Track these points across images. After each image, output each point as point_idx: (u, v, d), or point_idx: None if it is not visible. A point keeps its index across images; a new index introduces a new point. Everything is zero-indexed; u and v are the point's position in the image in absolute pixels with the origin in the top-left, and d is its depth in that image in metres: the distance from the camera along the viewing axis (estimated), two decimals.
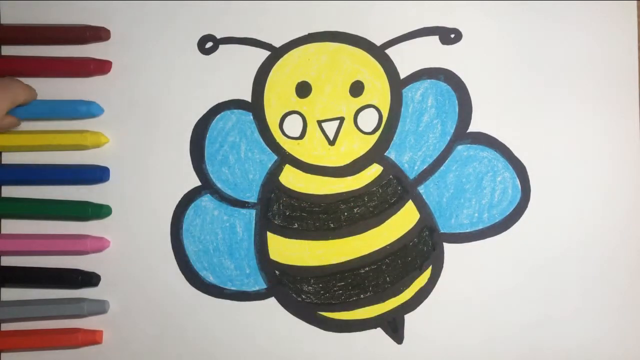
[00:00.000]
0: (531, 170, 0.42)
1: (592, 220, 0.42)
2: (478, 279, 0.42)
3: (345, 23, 0.43)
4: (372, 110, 0.42)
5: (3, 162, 0.43)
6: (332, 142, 0.43)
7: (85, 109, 0.42)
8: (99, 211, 0.42)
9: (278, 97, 0.43)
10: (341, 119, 0.43)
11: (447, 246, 0.42)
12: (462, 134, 0.42)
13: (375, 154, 0.42)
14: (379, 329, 0.42)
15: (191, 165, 0.43)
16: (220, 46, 0.43)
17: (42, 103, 0.42)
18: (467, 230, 0.42)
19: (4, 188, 0.43)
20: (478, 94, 0.42)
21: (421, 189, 0.42)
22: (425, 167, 0.42)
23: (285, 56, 0.43)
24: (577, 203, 0.41)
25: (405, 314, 0.42)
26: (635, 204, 0.42)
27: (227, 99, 0.43)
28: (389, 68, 0.43)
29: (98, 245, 0.42)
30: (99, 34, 0.42)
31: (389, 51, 0.43)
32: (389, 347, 0.42)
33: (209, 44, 0.43)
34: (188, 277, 0.43)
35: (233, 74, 0.43)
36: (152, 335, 0.42)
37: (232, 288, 0.43)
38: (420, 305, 0.42)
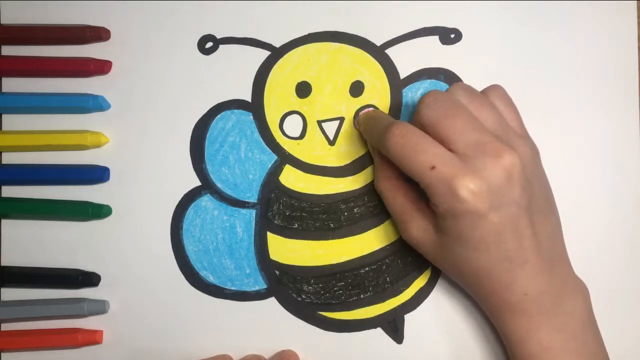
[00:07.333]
0: None
1: (592, 220, 0.42)
2: None
3: (345, 23, 0.43)
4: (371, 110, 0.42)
5: (3, 162, 0.43)
6: (332, 142, 0.43)
7: (93, 103, 0.42)
8: (99, 211, 0.42)
9: (278, 97, 0.43)
10: (341, 119, 0.43)
11: None
12: None
13: None
14: (379, 329, 0.42)
15: (191, 165, 0.43)
16: (220, 46, 0.43)
17: (47, 97, 0.42)
18: None
19: (4, 188, 0.43)
20: None
21: None
22: None
23: (285, 56, 0.43)
24: (576, 203, 0.41)
25: (405, 314, 0.42)
26: (636, 205, 0.42)
27: (227, 99, 0.43)
28: (389, 68, 0.43)
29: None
30: (99, 34, 0.42)
31: (389, 51, 0.43)
32: (389, 347, 0.42)
33: (209, 44, 0.43)
34: (188, 277, 0.43)
35: (233, 74, 0.43)
36: (152, 336, 0.42)
37: (232, 288, 0.43)
38: (420, 305, 0.42)
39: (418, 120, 0.36)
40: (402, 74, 0.43)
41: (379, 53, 0.43)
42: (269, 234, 0.43)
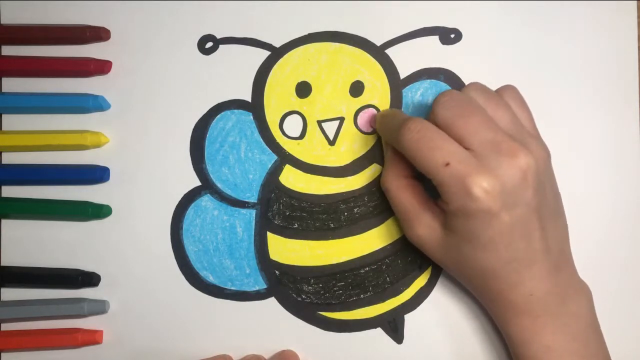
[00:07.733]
0: None
1: (592, 220, 0.42)
2: None
3: (345, 23, 0.43)
4: (372, 110, 0.42)
5: (3, 162, 0.43)
6: (332, 142, 0.43)
7: (93, 103, 0.42)
8: (99, 211, 0.42)
9: (278, 97, 0.43)
10: (341, 119, 0.43)
11: None
12: None
13: (375, 154, 0.42)
14: (379, 329, 0.42)
15: (191, 165, 0.43)
16: (220, 46, 0.43)
17: (47, 97, 0.42)
18: None
19: (4, 188, 0.43)
20: None
21: None
22: None
23: (285, 56, 0.43)
24: (576, 203, 0.41)
25: (405, 314, 0.42)
26: (636, 205, 0.42)
27: (227, 99, 0.43)
28: (389, 68, 0.43)
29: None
30: (99, 34, 0.42)
31: (389, 51, 0.43)
32: (389, 347, 0.42)
33: (209, 44, 0.43)
34: (188, 277, 0.43)
35: (233, 74, 0.43)
36: (152, 336, 0.42)
37: (232, 288, 0.43)
38: (420, 305, 0.42)
39: (433, 119, 0.36)
40: (402, 74, 0.43)
41: (379, 53, 0.43)
42: (269, 234, 0.43)
